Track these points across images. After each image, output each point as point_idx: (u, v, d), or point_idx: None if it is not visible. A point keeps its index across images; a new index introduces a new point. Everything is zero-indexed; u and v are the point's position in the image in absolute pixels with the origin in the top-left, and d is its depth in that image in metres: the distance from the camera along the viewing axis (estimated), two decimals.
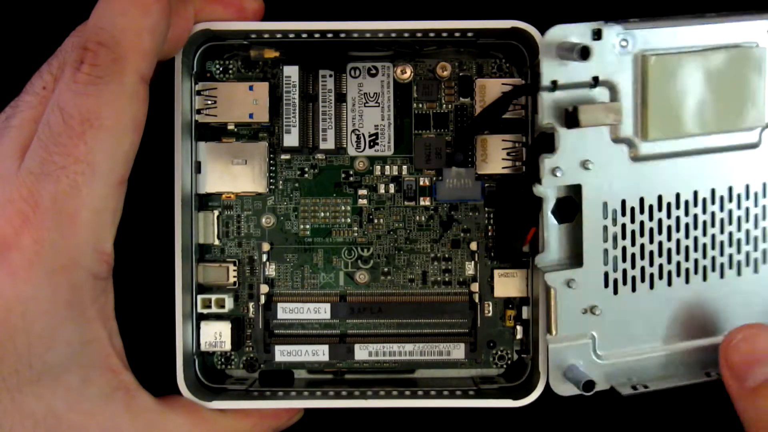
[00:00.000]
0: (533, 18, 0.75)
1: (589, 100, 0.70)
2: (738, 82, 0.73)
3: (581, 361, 0.72)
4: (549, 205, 0.72)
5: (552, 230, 0.73)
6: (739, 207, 0.75)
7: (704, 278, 0.75)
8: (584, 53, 0.67)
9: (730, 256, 0.75)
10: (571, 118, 0.69)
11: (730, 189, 0.75)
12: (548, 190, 0.71)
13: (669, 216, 0.73)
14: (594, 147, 0.71)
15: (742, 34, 0.73)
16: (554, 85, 0.69)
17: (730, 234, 0.75)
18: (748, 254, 0.75)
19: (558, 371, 0.73)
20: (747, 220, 0.75)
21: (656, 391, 0.73)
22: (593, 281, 0.72)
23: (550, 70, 0.69)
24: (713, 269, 0.75)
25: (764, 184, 0.75)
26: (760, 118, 0.73)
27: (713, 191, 0.74)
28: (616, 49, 0.70)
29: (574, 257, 0.73)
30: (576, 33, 0.69)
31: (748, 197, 0.75)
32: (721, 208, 0.75)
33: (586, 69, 0.70)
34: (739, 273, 0.75)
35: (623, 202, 0.72)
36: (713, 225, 0.75)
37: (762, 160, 0.75)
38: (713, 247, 0.75)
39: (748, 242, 0.75)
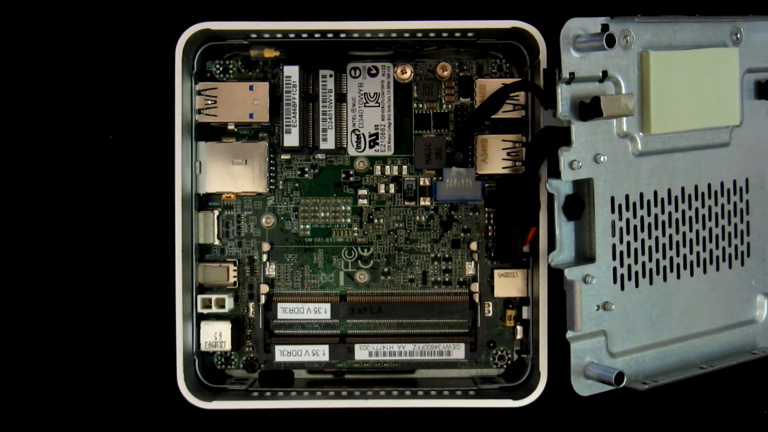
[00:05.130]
0: (533, 18, 0.75)
1: (598, 94, 0.70)
2: (722, 80, 0.74)
3: (596, 359, 0.72)
4: (560, 201, 0.72)
5: (564, 228, 0.72)
6: (741, 200, 0.77)
7: (714, 269, 0.76)
8: (610, 40, 0.67)
9: (736, 247, 0.77)
10: (590, 109, 0.68)
11: (734, 182, 0.76)
12: (560, 186, 0.71)
13: (677, 209, 0.74)
14: (603, 141, 0.71)
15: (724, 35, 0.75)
16: (571, 78, 0.69)
17: (735, 226, 0.77)
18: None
19: (579, 370, 0.72)
20: (748, 213, 0.77)
21: (662, 386, 0.73)
22: (605, 277, 0.72)
23: (568, 62, 0.69)
24: (723, 260, 0.77)
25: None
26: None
27: (722, 184, 0.76)
28: (621, 44, 0.70)
29: (582, 254, 0.73)
30: (591, 26, 0.69)
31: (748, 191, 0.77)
32: (728, 201, 0.76)
33: (594, 63, 0.70)
34: (742, 264, 0.77)
35: (627, 197, 0.72)
36: (723, 217, 0.76)
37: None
38: (723, 239, 0.76)
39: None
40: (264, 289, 0.80)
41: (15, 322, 0.82)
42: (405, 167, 0.80)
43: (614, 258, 0.72)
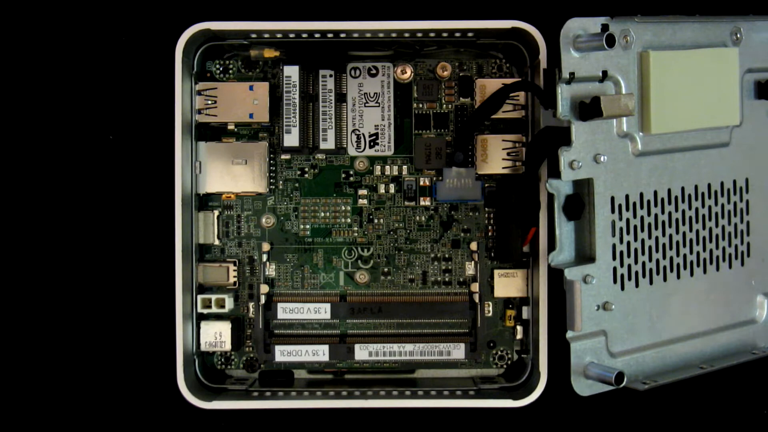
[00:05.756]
0: (533, 18, 0.75)
1: (598, 94, 0.70)
2: (722, 80, 0.74)
3: (596, 359, 0.72)
4: (560, 201, 0.72)
5: (564, 228, 0.72)
6: (741, 200, 0.77)
7: (714, 269, 0.77)
8: (610, 40, 0.67)
9: (736, 247, 0.77)
10: (590, 109, 0.68)
11: (734, 182, 0.76)
12: (560, 186, 0.71)
13: (677, 209, 0.74)
14: (603, 141, 0.71)
15: (724, 35, 0.75)
16: (571, 78, 0.69)
17: (735, 226, 0.77)
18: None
19: (579, 370, 0.72)
20: (748, 213, 0.78)
21: (662, 386, 0.73)
22: (605, 277, 0.72)
23: (568, 62, 0.69)
24: (723, 260, 0.77)
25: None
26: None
27: (722, 184, 0.76)
28: (621, 44, 0.71)
29: (582, 254, 0.73)
30: (591, 26, 0.69)
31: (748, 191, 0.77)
32: (728, 201, 0.76)
33: (594, 63, 0.70)
34: (743, 264, 0.77)
35: (627, 197, 0.72)
36: (723, 217, 0.76)
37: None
38: (723, 238, 0.76)
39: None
40: (264, 289, 0.80)
41: (15, 322, 0.82)
42: (405, 167, 0.80)
43: (614, 258, 0.72)
